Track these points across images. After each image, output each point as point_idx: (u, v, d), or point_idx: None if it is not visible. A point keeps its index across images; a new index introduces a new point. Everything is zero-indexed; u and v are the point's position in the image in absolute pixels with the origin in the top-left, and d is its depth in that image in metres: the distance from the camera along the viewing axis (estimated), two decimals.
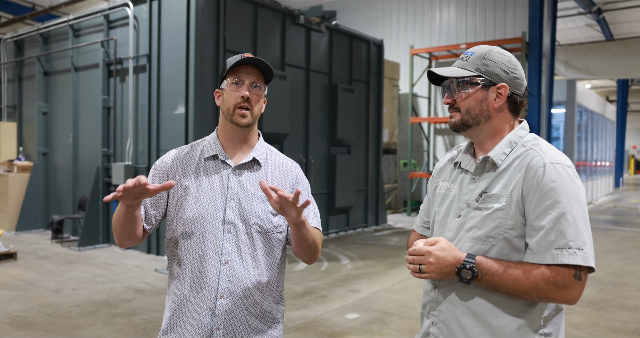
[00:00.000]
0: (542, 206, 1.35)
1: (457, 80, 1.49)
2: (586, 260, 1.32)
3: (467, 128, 1.51)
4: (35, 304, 4.76)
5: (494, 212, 1.42)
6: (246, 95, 1.64)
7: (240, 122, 1.66)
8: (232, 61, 1.67)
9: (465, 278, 1.39)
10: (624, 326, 4.50)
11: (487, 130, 1.51)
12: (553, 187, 1.35)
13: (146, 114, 7.15)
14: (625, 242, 8.97)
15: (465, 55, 1.53)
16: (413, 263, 1.45)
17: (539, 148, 1.45)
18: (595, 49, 15.18)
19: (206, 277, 1.62)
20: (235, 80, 1.66)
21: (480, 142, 1.53)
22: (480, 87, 1.47)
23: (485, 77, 1.47)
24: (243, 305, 1.63)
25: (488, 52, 1.50)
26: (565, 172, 1.38)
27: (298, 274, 6.15)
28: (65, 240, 7.86)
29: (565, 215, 1.33)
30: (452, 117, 1.53)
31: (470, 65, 1.49)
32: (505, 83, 1.48)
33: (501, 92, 1.48)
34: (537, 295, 1.34)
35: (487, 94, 1.48)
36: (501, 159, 1.47)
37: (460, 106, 1.49)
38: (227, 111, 1.67)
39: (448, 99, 1.53)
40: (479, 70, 1.48)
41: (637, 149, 38.81)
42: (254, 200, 1.67)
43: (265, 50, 7.64)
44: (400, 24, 14.26)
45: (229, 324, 1.62)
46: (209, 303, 1.61)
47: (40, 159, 8.89)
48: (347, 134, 9.11)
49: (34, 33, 9.05)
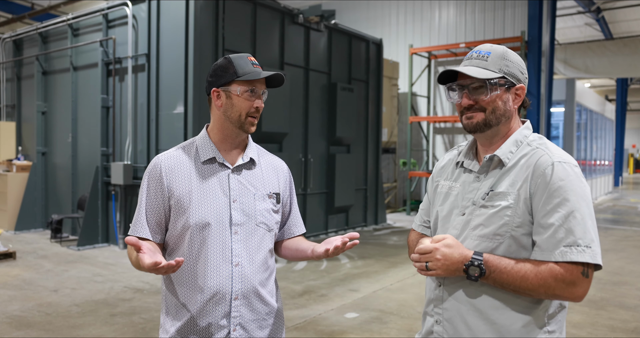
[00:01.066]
0: (551, 204, 1.36)
1: (485, 82, 1.46)
2: (594, 258, 1.34)
3: (487, 128, 1.49)
4: (34, 304, 4.76)
5: (501, 209, 1.43)
6: (261, 106, 1.67)
7: (250, 130, 1.68)
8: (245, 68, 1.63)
9: (473, 275, 1.39)
10: (623, 325, 4.50)
11: (503, 130, 1.52)
12: (561, 186, 1.37)
13: (145, 113, 7.14)
14: (624, 240, 8.97)
15: (479, 54, 1.50)
16: (419, 261, 1.45)
17: (545, 147, 1.47)
18: (595, 48, 15.18)
19: (219, 281, 1.61)
20: (251, 88, 1.64)
21: (491, 143, 1.53)
22: (505, 88, 1.48)
23: (508, 79, 1.48)
24: (256, 305, 1.65)
25: (506, 53, 1.50)
26: (572, 171, 1.40)
27: (297, 273, 6.15)
28: (65, 240, 7.86)
29: (573, 213, 1.35)
30: (471, 118, 1.49)
31: (492, 65, 1.48)
32: (523, 84, 1.50)
33: (519, 93, 1.50)
34: (545, 292, 1.35)
35: (509, 96, 1.49)
36: (508, 158, 1.48)
37: (487, 106, 1.47)
38: (238, 118, 1.65)
39: (467, 100, 1.49)
40: (502, 71, 1.48)
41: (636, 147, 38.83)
42: (256, 199, 1.68)
43: (265, 49, 7.64)
44: (400, 23, 14.26)
45: (245, 325, 1.63)
46: (224, 306, 1.61)
47: (39, 158, 8.89)
48: (346, 133, 9.10)
49: (33, 32, 9.03)
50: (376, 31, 13.97)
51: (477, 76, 1.44)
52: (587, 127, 16.23)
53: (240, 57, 1.66)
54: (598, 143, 18.08)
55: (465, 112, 1.51)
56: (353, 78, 9.48)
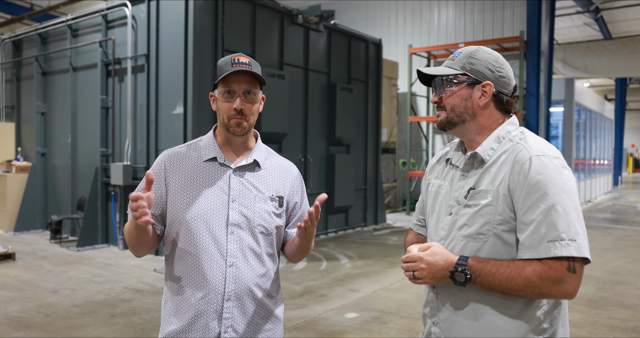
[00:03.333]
0: (531, 199, 1.34)
1: (443, 79, 1.50)
2: (580, 251, 1.29)
3: (453, 126, 1.52)
4: (33, 305, 4.76)
5: (482, 208, 1.41)
6: (239, 107, 1.61)
7: (237, 132, 1.64)
8: (223, 68, 1.62)
9: (459, 281, 1.39)
10: (622, 324, 4.50)
11: (473, 128, 1.51)
12: (540, 180, 1.34)
13: (145, 114, 7.14)
14: (624, 240, 8.98)
15: (453, 55, 1.55)
16: (408, 270, 1.46)
17: (525, 142, 1.44)
18: (594, 47, 15.20)
19: (212, 280, 1.60)
20: (227, 89, 1.62)
21: (469, 140, 1.53)
22: (465, 85, 1.48)
23: (470, 75, 1.48)
24: (249, 307, 1.63)
25: (474, 51, 1.51)
26: (551, 163, 1.36)
27: (297, 274, 6.15)
28: (64, 241, 7.86)
29: (554, 207, 1.31)
30: (438, 116, 1.54)
31: (456, 64, 1.51)
32: (490, 81, 1.48)
33: (486, 91, 1.48)
34: (532, 291, 1.32)
35: (472, 92, 1.49)
36: (489, 155, 1.46)
37: (446, 104, 1.51)
38: (222, 121, 1.65)
39: (435, 97, 1.55)
40: (464, 69, 1.49)
41: (635, 147, 38.86)
42: (256, 201, 1.66)
43: (264, 49, 7.64)
44: (399, 23, 14.26)
45: (236, 327, 1.61)
46: (216, 306, 1.59)
47: (38, 159, 8.88)
48: (345, 133, 9.11)
49: (32, 33, 9.03)
50: (375, 31, 13.97)
51: (432, 73, 1.51)
52: (587, 127, 16.23)
53: (225, 58, 1.64)
54: (597, 142, 18.09)
55: (437, 110, 1.56)
56: (352, 78, 9.48)
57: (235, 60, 1.61)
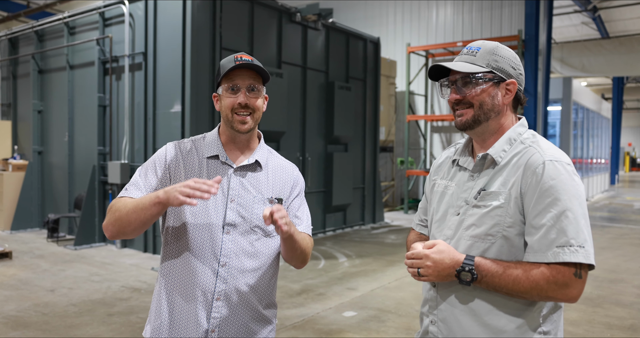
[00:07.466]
0: (542, 204, 1.34)
1: (470, 76, 1.46)
2: (587, 258, 1.31)
3: (477, 125, 1.48)
4: (31, 304, 4.74)
5: (492, 209, 1.41)
6: (243, 101, 1.61)
7: (241, 129, 1.63)
8: (226, 66, 1.62)
9: (464, 280, 1.38)
10: (619, 322, 4.51)
11: (494, 127, 1.50)
12: (553, 185, 1.34)
13: (142, 112, 7.11)
14: (620, 238, 9.01)
15: (469, 49, 1.50)
16: (412, 267, 1.45)
17: (537, 145, 1.44)
18: (591, 46, 15.23)
19: (203, 279, 1.59)
20: (231, 85, 1.62)
21: (483, 140, 1.52)
22: (492, 83, 1.46)
23: (496, 73, 1.46)
24: (238, 308, 1.61)
25: (496, 48, 1.49)
26: (564, 169, 1.37)
27: (295, 272, 6.14)
28: (61, 239, 7.83)
29: (565, 213, 1.32)
30: (461, 115, 1.49)
31: (479, 60, 1.47)
32: (514, 79, 1.48)
33: (510, 89, 1.48)
34: (537, 294, 1.33)
35: (498, 91, 1.47)
36: (501, 156, 1.46)
37: (474, 101, 1.47)
38: (226, 118, 1.64)
39: (455, 95, 1.49)
40: (490, 66, 1.46)
41: (632, 146, 38.97)
42: (255, 202, 1.65)
43: (262, 48, 7.62)
44: (397, 21, 14.26)
45: (224, 327, 1.60)
46: (205, 305, 1.58)
47: (35, 157, 8.85)
48: (344, 131, 9.10)
49: (29, 31, 8.99)
50: (374, 30, 13.96)
51: (461, 70, 1.45)
52: (584, 126, 16.28)
53: (228, 57, 1.65)
54: (594, 141, 18.14)
55: (456, 109, 1.51)
56: (350, 77, 9.47)
57: (238, 58, 1.62)
